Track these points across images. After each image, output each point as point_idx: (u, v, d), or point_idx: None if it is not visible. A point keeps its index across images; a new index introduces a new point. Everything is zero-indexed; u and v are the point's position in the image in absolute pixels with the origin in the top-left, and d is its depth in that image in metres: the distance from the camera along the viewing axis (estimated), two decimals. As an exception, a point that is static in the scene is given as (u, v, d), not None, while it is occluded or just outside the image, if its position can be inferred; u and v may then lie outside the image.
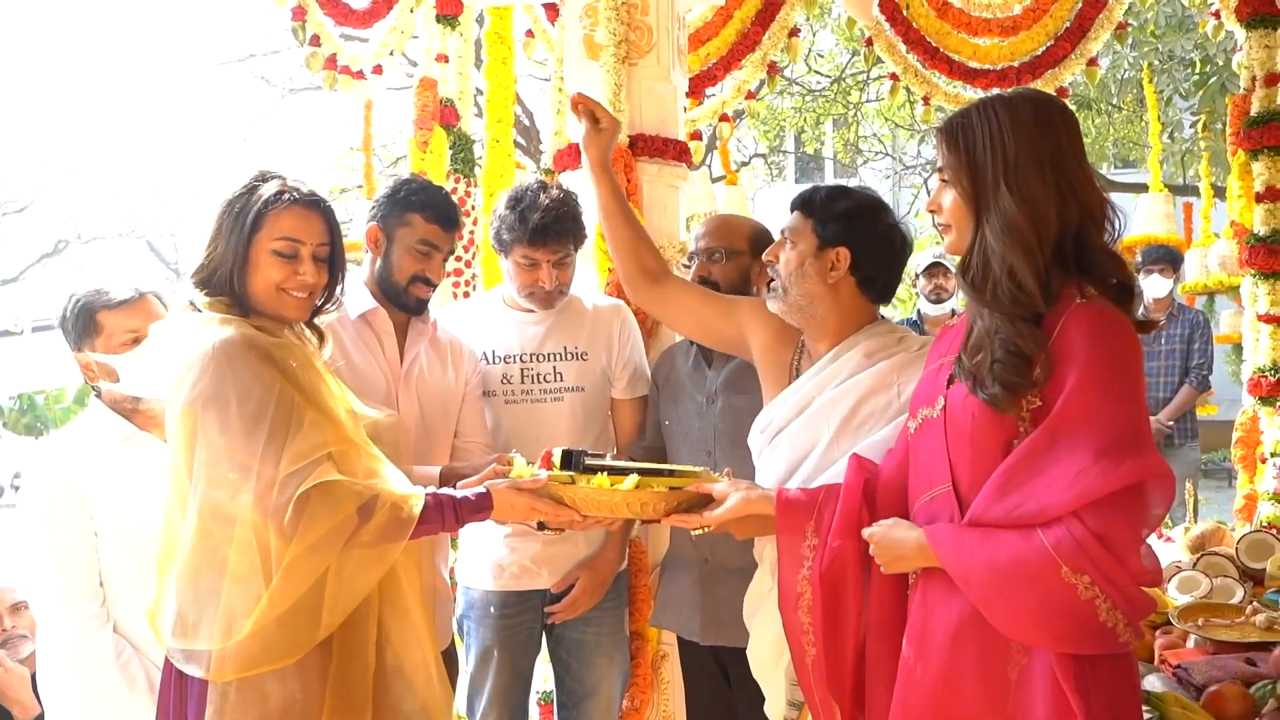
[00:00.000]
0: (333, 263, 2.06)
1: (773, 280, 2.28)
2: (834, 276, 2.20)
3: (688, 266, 2.84)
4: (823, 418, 2.20)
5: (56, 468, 2.22)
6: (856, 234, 2.17)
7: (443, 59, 4.35)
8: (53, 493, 2.20)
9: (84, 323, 2.27)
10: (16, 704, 3.01)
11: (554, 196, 2.68)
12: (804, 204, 2.28)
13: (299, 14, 3.86)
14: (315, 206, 2.02)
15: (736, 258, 2.73)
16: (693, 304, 2.56)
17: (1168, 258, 5.87)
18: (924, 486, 1.77)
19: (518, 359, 2.78)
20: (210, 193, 2.05)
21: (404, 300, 2.53)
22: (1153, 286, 5.82)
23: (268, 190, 1.97)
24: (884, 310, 2.40)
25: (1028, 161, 1.67)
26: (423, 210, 2.50)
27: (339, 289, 2.13)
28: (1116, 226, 1.72)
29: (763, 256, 2.34)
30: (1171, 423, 5.61)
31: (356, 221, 6.41)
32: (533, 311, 2.80)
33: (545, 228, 2.63)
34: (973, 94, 4.51)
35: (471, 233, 4.39)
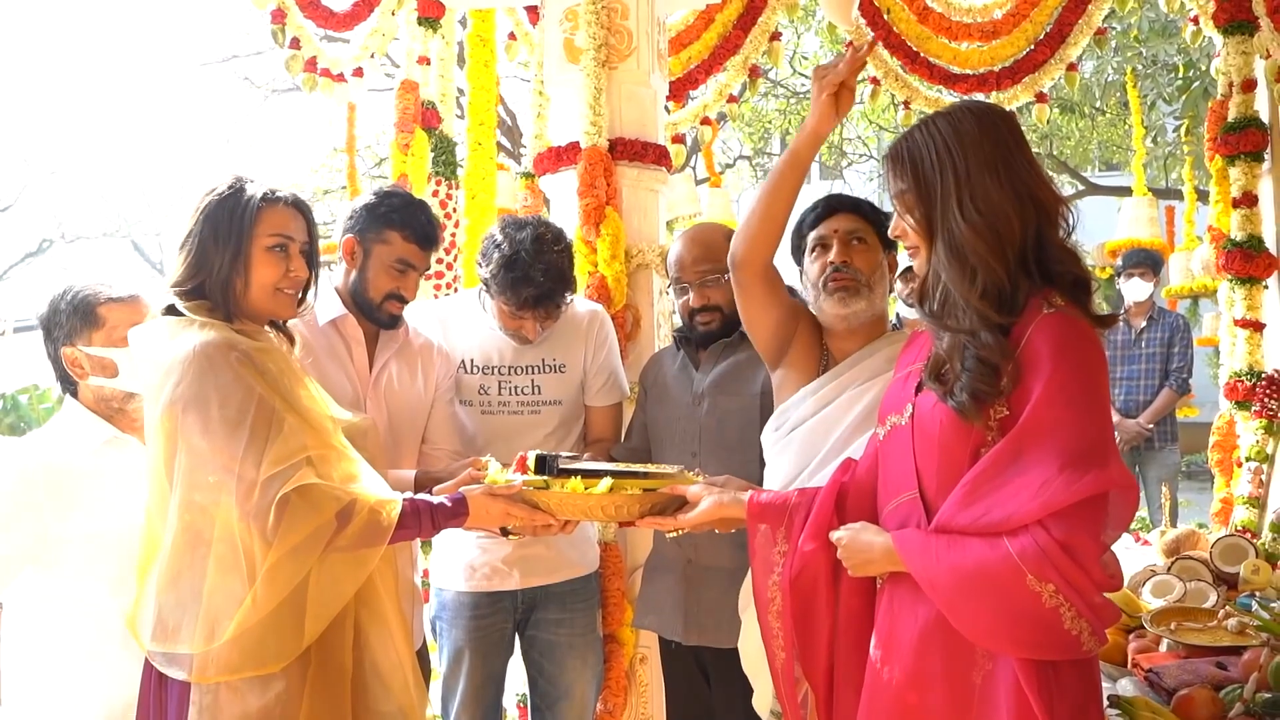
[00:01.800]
0: (312, 261, 2.10)
1: (848, 280, 2.26)
2: (890, 278, 2.33)
3: (683, 294, 2.74)
4: (840, 414, 2.23)
5: (21, 471, 2.15)
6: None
7: (424, 61, 4.35)
8: (17, 489, 2.13)
9: (82, 315, 2.22)
10: None
11: (549, 263, 2.62)
12: (867, 208, 2.35)
13: (279, 17, 3.84)
14: (298, 205, 2.06)
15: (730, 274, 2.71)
16: (780, 298, 2.39)
17: (1148, 261, 5.90)
18: (892, 492, 1.78)
19: (496, 370, 2.78)
20: (192, 193, 2.05)
21: (376, 316, 2.51)
22: (1133, 290, 5.84)
23: (255, 191, 2.00)
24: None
25: (981, 171, 1.67)
26: (403, 229, 2.47)
27: (313, 290, 2.15)
28: (1071, 221, 1.72)
29: (835, 259, 2.29)
30: (1151, 426, 5.63)
31: (340, 222, 6.39)
32: None
33: (537, 300, 2.62)
34: (953, 98, 4.53)
35: (453, 235, 4.39)
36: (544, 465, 2.11)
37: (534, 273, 2.58)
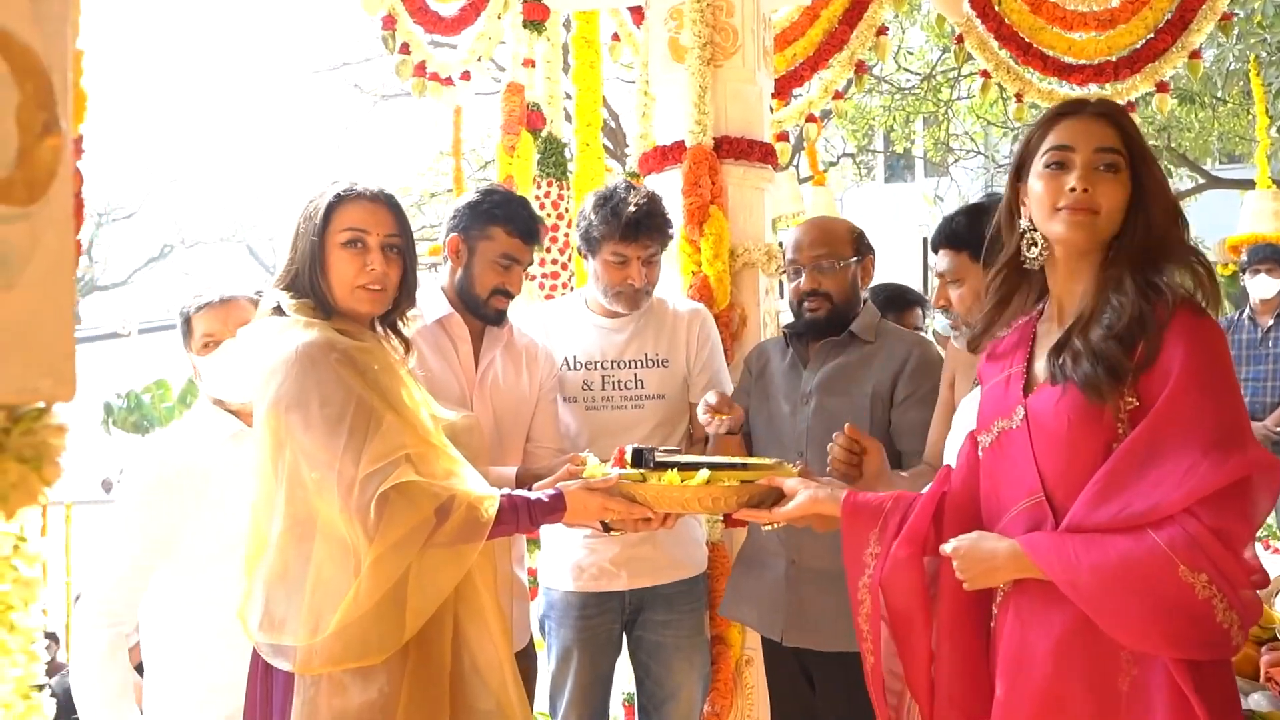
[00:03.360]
0: (404, 256, 2.09)
1: (953, 322, 2.29)
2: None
3: (795, 277, 2.72)
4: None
5: (164, 462, 2.29)
6: None
7: (529, 64, 4.39)
8: (155, 485, 2.26)
9: (183, 326, 2.38)
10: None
11: (643, 194, 2.71)
12: (950, 240, 2.28)
13: (389, 23, 3.93)
14: (380, 199, 2.06)
15: (845, 265, 2.66)
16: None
17: (1275, 256, 5.65)
18: (1010, 500, 1.71)
19: (598, 365, 2.79)
20: (300, 200, 2.11)
21: (484, 311, 2.55)
22: (1259, 287, 5.60)
23: (335, 189, 2.04)
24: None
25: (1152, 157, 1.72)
26: (506, 224, 2.51)
27: (414, 285, 2.16)
28: None
29: (934, 304, 2.34)
30: (1279, 429, 5.40)
31: (444, 223, 6.52)
32: (614, 317, 2.81)
33: (637, 223, 2.65)
34: (1068, 90, 4.40)
35: (566, 235, 4.42)
36: (640, 458, 2.11)
37: (630, 197, 2.69)
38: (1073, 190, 1.68)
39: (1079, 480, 1.61)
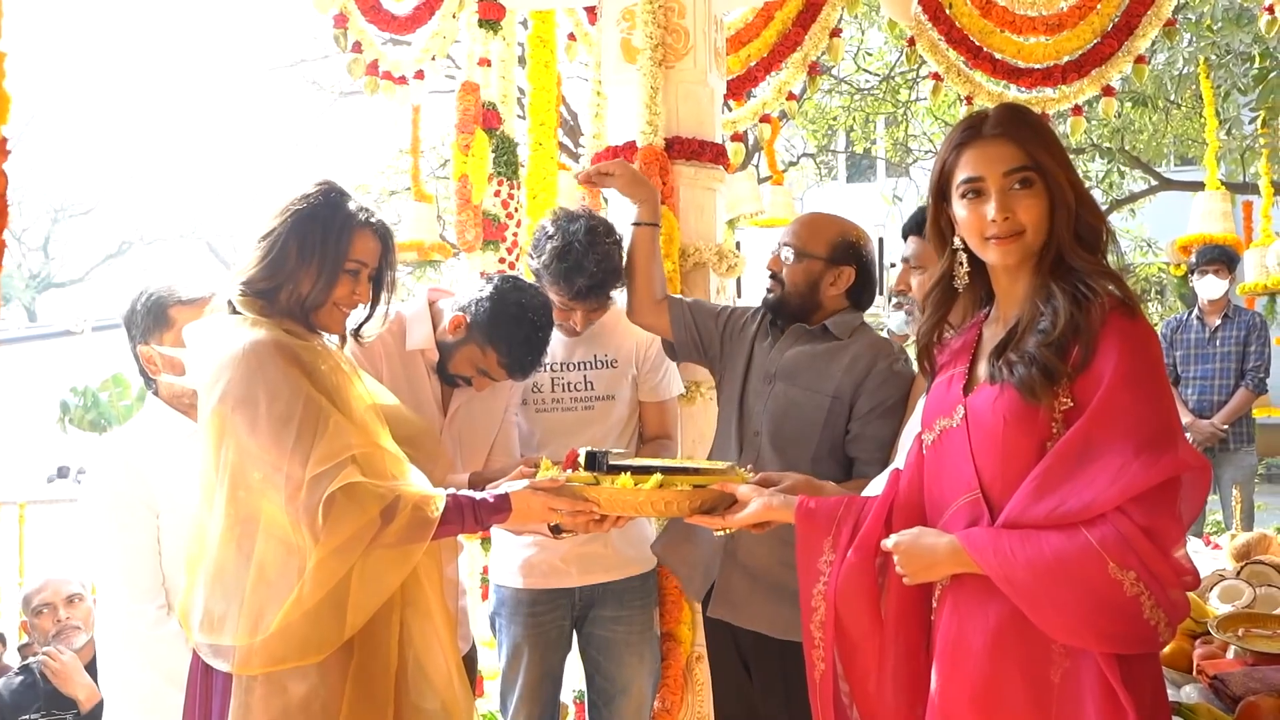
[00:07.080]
0: (377, 285, 2.12)
1: (908, 307, 2.33)
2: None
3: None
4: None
5: (124, 464, 2.28)
6: None
7: (485, 63, 4.38)
8: (120, 489, 2.25)
9: (155, 316, 2.31)
10: (82, 688, 3.17)
11: (602, 253, 2.64)
12: (919, 228, 2.31)
13: (341, 21, 3.90)
14: (383, 233, 2.09)
15: (807, 260, 2.61)
16: None
17: (1223, 258, 5.76)
18: (950, 496, 1.75)
19: (548, 368, 2.80)
20: (266, 194, 2.08)
21: (445, 378, 2.56)
22: (1207, 288, 5.71)
23: (349, 210, 2.02)
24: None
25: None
26: (507, 356, 2.45)
27: (381, 310, 2.17)
28: None
29: (895, 288, 2.38)
30: (1226, 427, 5.49)
31: (405, 223, 6.50)
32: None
33: (588, 290, 2.65)
34: (1017, 93, 4.45)
35: (515, 235, 4.41)
36: (594, 461, 2.13)
37: (587, 263, 2.61)
38: (994, 221, 1.73)
39: (1014, 477, 1.65)
